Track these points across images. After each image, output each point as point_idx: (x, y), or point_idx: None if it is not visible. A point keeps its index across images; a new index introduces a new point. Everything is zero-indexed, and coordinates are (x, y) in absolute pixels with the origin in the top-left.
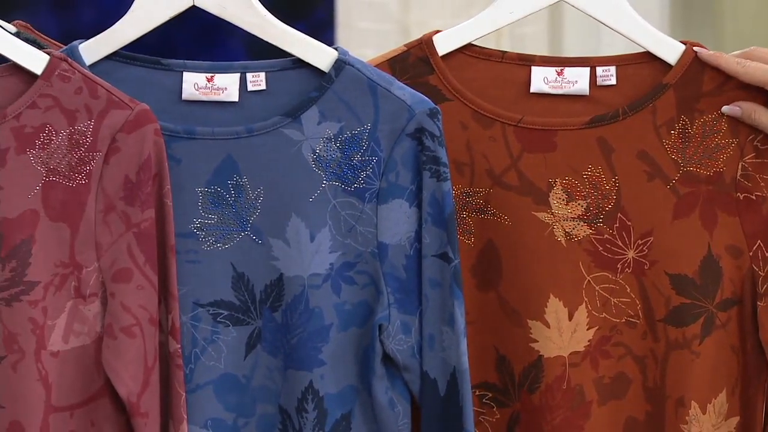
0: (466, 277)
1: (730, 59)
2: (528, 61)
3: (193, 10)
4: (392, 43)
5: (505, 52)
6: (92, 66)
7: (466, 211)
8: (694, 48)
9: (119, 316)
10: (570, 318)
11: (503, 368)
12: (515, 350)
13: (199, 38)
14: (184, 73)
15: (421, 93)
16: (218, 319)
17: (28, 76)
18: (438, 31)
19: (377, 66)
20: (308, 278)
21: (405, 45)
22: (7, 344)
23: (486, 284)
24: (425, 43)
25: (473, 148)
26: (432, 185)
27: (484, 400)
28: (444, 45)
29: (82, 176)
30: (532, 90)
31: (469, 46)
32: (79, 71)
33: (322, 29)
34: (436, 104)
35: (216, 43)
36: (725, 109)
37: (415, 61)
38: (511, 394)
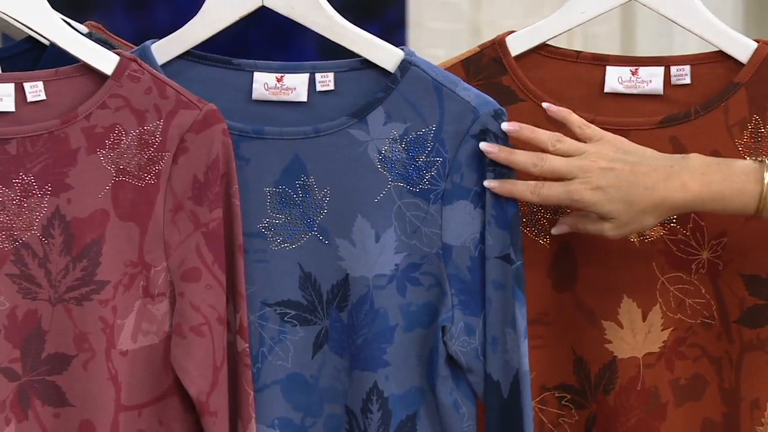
0: (542, 278)
1: None
2: (603, 61)
3: (265, 10)
4: (463, 43)
5: (580, 51)
6: (164, 66)
7: (541, 213)
8: None
9: (188, 315)
10: (644, 319)
11: (580, 369)
12: (591, 351)
13: (272, 38)
14: (255, 73)
15: (495, 94)
16: (285, 318)
17: (99, 76)
18: (511, 32)
19: (451, 67)
20: (373, 279)
21: (479, 46)
22: (77, 343)
23: (562, 285)
24: (498, 44)
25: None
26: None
27: (563, 402)
28: (517, 45)
29: (151, 176)
30: (605, 90)
31: (543, 46)
32: (148, 71)
33: (394, 29)
34: (509, 105)
35: (289, 44)
36: None
37: (489, 62)
38: (588, 396)
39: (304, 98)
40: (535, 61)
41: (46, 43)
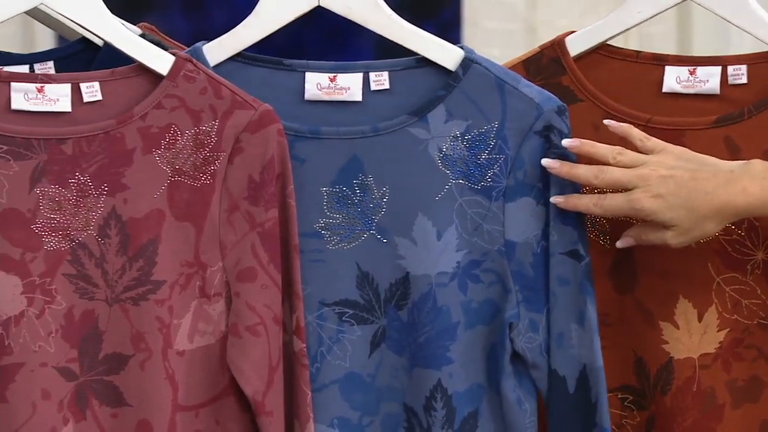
0: (603, 279)
1: None
2: (662, 61)
3: (321, 10)
4: (518, 43)
5: (640, 51)
6: (216, 67)
7: None
8: None
9: (244, 315)
10: (699, 319)
11: (641, 370)
12: (650, 352)
13: (328, 39)
14: (307, 74)
15: (554, 94)
16: (343, 318)
17: (154, 76)
18: (570, 32)
19: (512, 67)
20: (436, 276)
21: (539, 46)
22: (134, 343)
23: (623, 286)
24: (557, 44)
25: None
26: (560, 183)
27: (625, 403)
28: (576, 46)
29: (207, 176)
30: (664, 90)
31: (603, 46)
32: (203, 72)
33: (449, 29)
34: (568, 105)
35: (345, 44)
36: None
37: (548, 62)
38: (648, 397)
39: (358, 98)
40: (595, 61)
41: (100, 43)
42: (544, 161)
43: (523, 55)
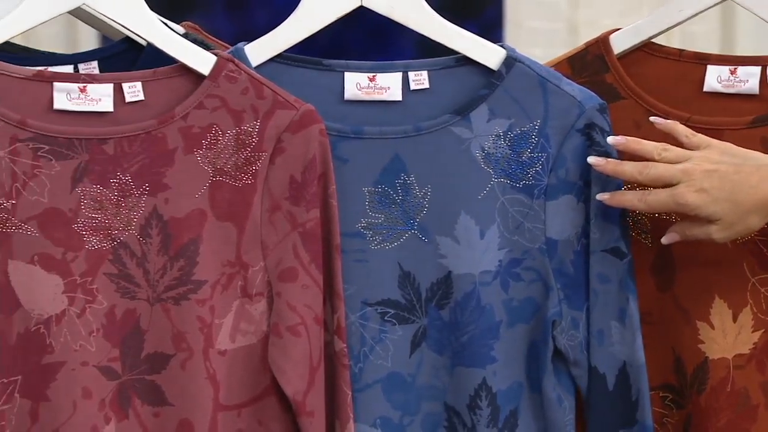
0: (645, 277)
1: None
2: (704, 60)
3: (363, 10)
4: (560, 42)
5: (683, 50)
6: (257, 67)
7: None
8: None
9: (285, 315)
10: (734, 320)
11: (679, 369)
12: (687, 351)
13: (371, 38)
14: (346, 74)
15: (598, 91)
16: (386, 317)
17: (196, 76)
18: (615, 30)
19: (557, 64)
20: (479, 275)
21: (584, 44)
22: (175, 343)
23: (664, 284)
24: (601, 42)
25: None
26: (602, 181)
27: (666, 402)
28: (619, 43)
29: (249, 176)
30: (704, 89)
31: (647, 44)
32: (245, 72)
33: (492, 29)
34: (611, 103)
35: (387, 44)
36: None
37: (593, 60)
38: (685, 396)
39: (398, 97)
40: (638, 58)
41: (143, 43)
42: (590, 159)
43: (569, 52)
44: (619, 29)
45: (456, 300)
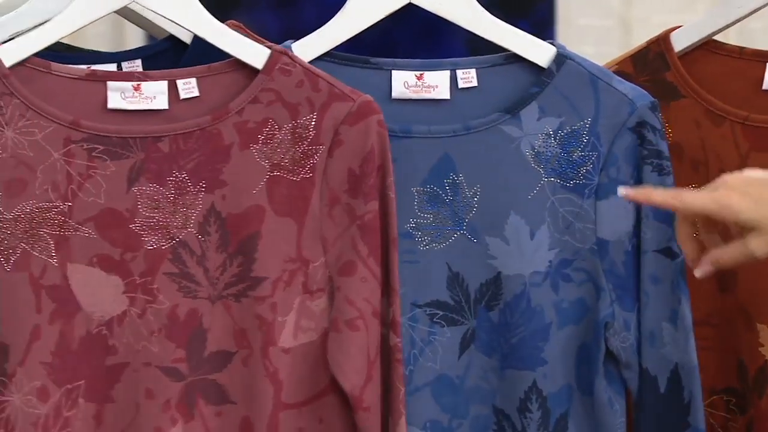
0: (708, 279)
1: None
2: (764, 58)
3: (412, 8)
4: (613, 40)
5: (743, 48)
6: None
7: None
8: None
9: (344, 309)
10: None
11: (742, 373)
12: (748, 354)
13: (420, 36)
14: (393, 72)
15: (659, 89)
16: (434, 319)
17: (250, 71)
18: (675, 28)
19: (620, 63)
20: (529, 276)
21: (646, 41)
22: (237, 340)
23: (726, 286)
24: (662, 40)
25: (707, 147)
26: (654, 179)
27: (730, 406)
28: (680, 41)
29: (307, 170)
30: (763, 87)
31: (708, 42)
32: (300, 64)
33: (543, 27)
34: (671, 101)
35: (437, 42)
36: None
37: (654, 58)
38: (748, 400)
39: (447, 95)
40: (698, 57)
41: (188, 41)
42: (620, 190)
43: (632, 50)
44: (678, 27)
45: (505, 301)
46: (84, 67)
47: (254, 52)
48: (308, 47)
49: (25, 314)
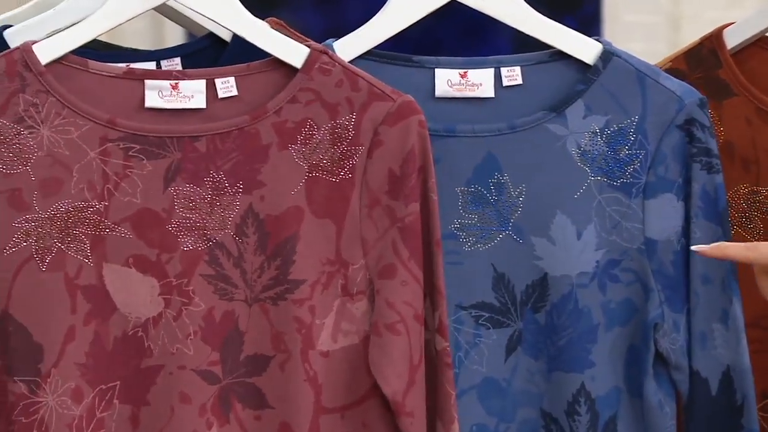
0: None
1: None
2: None
3: (456, 5)
4: (661, 37)
5: None
6: None
7: (755, 211)
8: None
9: (384, 312)
10: None
11: None
12: None
13: (465, 34)
14: (436, 70)
15: (712, 87)
16: (480, 321)
17: (289, 70)
18: (728, 25)
19: (674, 60)
20: (576, 277)
21: (700, 38)
22: (274, 344)
23: None
24: (715, 37)
25: (758, 146)
26: (703, 178)
27: None
28: (732, 38)
29: (346, 171)
30: None
31: (761, 39)
32: (339, 63)
33: (590, 23)
34: (723, 99)
35: (482, 39)
36: None
37: (707, 55)
38: None
39: (491, 93)
40: (751, 54)
41: (227, 39)
42: (694, 248)
43: (685, 47)
44: (730, 24)
45: (552, 303)
46: (122, 65)
47: (293, 51)
48: (349, 46)
49: (59, 315)
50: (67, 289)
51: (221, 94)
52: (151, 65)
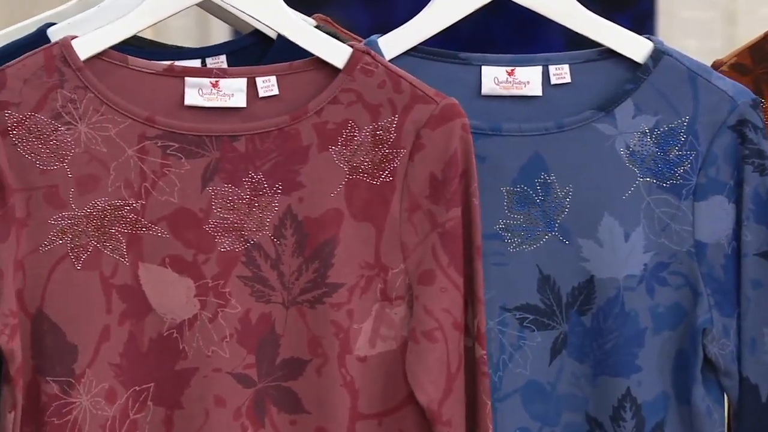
0: None
1: None
2: None
3: (505, 1)
4: (717, 33)
5: None
6: (391, 62)
7: None
8: None
9: (422, 319)
10: None
11: None
12: None
13: (516, 30)
14: (483, 67)
15: None
16: (524, 323)
17: (331, 70)
18: None
19: (738, 54)
20: (623, 280)
21: (764, 32)
22: (311, 348)
23: None
24: None
25: None
26: (755, 180)
27: None
28: None
29: (387, 174)
30: None
31: None
32: (382, 64)
33: (644, 20)
34: None
35: (534, 36)
36: None
37: None
38: None
39: (538, 92)
40: None
41: (273, 36)
42: None
43: (750, 41)
44: None
45: (599, 305)
46: (166, 62)
47: (335, 51)
48: (394, 42)
49: (94, 314)
50: (102, 288)
51: (262, 93)
52: (196, 63)
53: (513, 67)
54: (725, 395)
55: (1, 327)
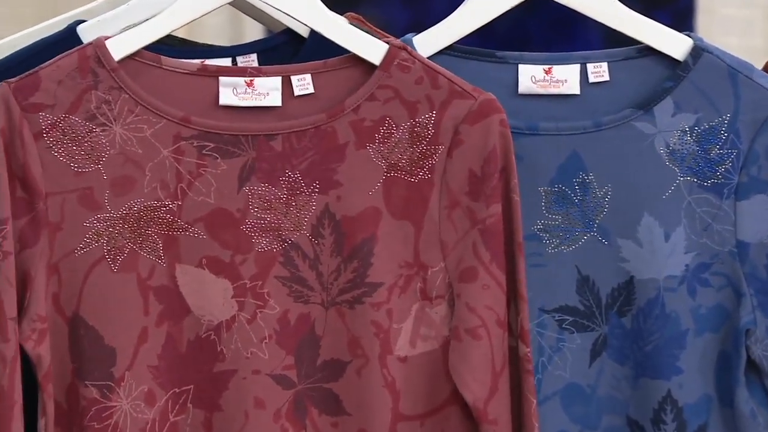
0: None
1: None
2: None
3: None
4: (758, 31)
5: None
6: None
7: None
8: None
9: (465, 317)
10: None
11: None
12: None
13: (554, 28)
14: (520, 66)
15: None
16: (563, 325)
17: (367, 66)
18: None
19: None
20: (663, 281)
21: None
22: (351, 349)
23: None
24: None
25: None
26: None
27: None
28: None
29: (425, 171)
30: None
31: None
32: (419, 60)
33: (684, 17)
34: None
35: (572, 34)
36: None
37: None
38: None
39: (576, 90)
40: None
41: (305, 34)
42: None
43: None
44: None
45: (639, 307)
46: (197, 61)
47: (371, 47)
48: (430, 40)
49: (132, 316)
50: (139, 290)
51: (297, 92)
52: (226, 61)
53: (550, 66)
54: None
55: (28, 332)
